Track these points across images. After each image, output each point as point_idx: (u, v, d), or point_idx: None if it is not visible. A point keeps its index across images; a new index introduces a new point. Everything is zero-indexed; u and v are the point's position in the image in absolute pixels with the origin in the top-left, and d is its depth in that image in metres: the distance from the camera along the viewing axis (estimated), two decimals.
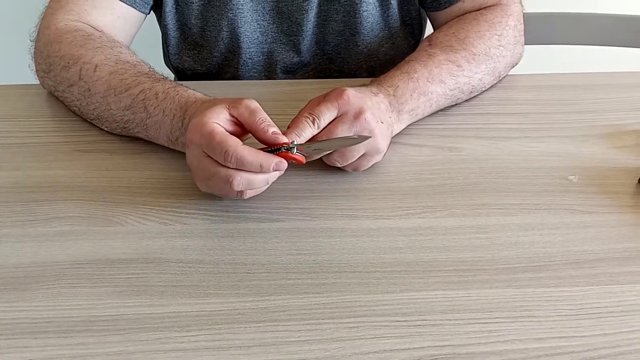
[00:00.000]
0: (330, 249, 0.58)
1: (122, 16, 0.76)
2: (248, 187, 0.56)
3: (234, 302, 0.53)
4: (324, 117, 0.59)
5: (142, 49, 0.83)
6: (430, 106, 0.70)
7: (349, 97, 0.60)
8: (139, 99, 0.64)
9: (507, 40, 0.76)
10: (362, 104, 0.60)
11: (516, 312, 0.52)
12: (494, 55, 0.74)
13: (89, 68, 0.67)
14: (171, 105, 0.62)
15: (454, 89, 0.71)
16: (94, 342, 0.50)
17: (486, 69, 0.74)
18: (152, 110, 0.63)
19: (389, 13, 0.83)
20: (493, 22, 0.76)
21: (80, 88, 0.68)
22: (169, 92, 0.64)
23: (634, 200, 0.63)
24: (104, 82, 0.66)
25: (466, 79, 0.72)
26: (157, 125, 0.64)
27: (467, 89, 0.73)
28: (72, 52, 0.69)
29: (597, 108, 0.75)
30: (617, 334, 0.51)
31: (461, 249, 0.58)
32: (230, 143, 0.54)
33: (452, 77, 0.71)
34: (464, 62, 0.72)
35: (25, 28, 0.77)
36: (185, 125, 0.60)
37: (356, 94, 0.61)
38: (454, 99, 0.72)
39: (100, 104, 0.67)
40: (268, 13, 0.82)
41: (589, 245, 0.58)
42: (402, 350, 0.49)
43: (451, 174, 0.66)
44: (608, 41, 1.00)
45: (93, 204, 0.62)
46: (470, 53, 0.73)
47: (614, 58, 1.13)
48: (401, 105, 0.67)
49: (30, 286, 0.54)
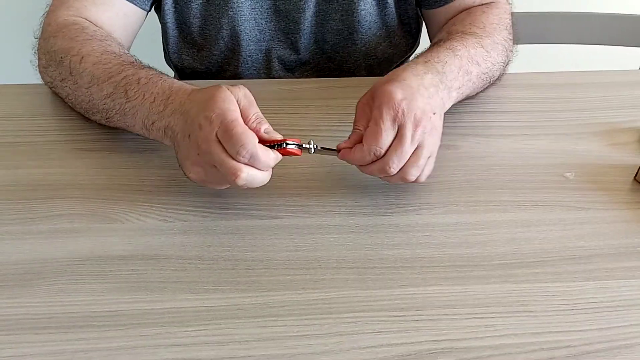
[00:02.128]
0: (329, 245, 0.58)
1: (122, 13, 0.77)
2: (250, 183, 0.55)
3: (233, 297, 0.53)
4: (387, 144, 0.57)
5: (142, 46, 0.84)
6: (471, 87, 0.68)
7: (404, 110, 0.56)
8: (121, 85, 0.63)
9: (511, 36, 0.77)
10: (416, 110, 0.57)
11: (513, 307, 0.53)
12: (507, 48, 0.75)
13: (76, 60, 0.67)
14: (153, 89, 0.61)
15: (486, 72, 0.70)
16: (94, 338, 0.50)
17: (502, 60, 0.73)
18: (132, 94, 0.62)
19: (386, 12, 0.84)
20: (501, 17, 0.77)
21: (69, 82, 0.68)
22: (152, 77, 0.62)
23: (629, 197, 0.64)
24: (88, 72, 0.66)
25: (491, 65, 0.71)
26: (134, 109, 0.62)
27: (490, 75, 0.72)
28: (64, 45, 0.70)
29: (593, 106, 0.76)
30: (613, 328, 0.51)
31: (458, 245, 0.58)
32: (249, 139, 0.53)
33: (484, 60, 0.70)
34: (490, 49, 0.71)
35: (25, 28, 0.78)
36: (168, 111, 0.59)
37: (407, 99, 0.57)
38: (482, 83, 0.71)
39: (85, 96, 0.67)
40: (266, 11, 0.83)
41: (585, 241, 0.59)
42: (399, 345, 0.50)
43: (449, 171, 0.66)
44: (603, 40, 1.01)
45: (93, 201, 0.62)
46: (493, 41, 0.72)
47: (609, 57, 1.14)
48: (451, 82, 0.64)
49: (32, 283, 0.54)
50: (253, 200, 0.62)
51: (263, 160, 0.54)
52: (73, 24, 0.72)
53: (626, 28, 0.99)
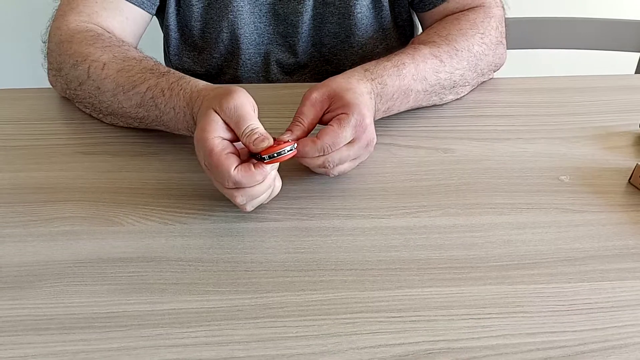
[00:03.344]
0: (327, 247, 0.59)
1: (130, 17, 0.78)
2: (253, 203, 0.59)
3: (233, 299, 0.54)
4: (340, 148, 0.61)
5: (143, 48, 0.84)
6: (407, 104, 0.71)
7: (368, 130, 0.62)
8: (147, 97, 0.65)
9: (489, 39, 0.77)
10: (374, 134, 0.63)
11: (509, 308, 0.54)
12: (476, 52, 0.75)
13: (97, 66, 0.69)
14: (178, 103, 0.63)
15: (435, 84, 0.72)
16: (95, 339, 0.51)
17: (468, 65, 0.75)
18: (164, 107, 0.64)
19: (381, 15, 0.85)
20: (475, 22, 0.77)
21: (89, 86, 0.70)
22: (173, 88, 0.64)
23: (623, 200, 0.65)
24: (112, 79, 0.67)
25: (447, 75, 0.73)
26: (173, 121, 0.65)
27: (448, 84, 0.74)
28: (82, 50, 0.71)
29: (587, 110, 0.77)
30: (607, 328, 0.52)
31: (455, 247, 0.59)
32: (225, 168, 0.55)
33: (434, 73, 0.72)
34: (446, 57, 0.73)
35: (28, 33, 0.79)
36: (196, 118, 0.61)
37: (372, 121, 0.62)
38: (434, 94, 0.73)
39: (112, 102, 0.68)
40: (265, 15, 0.83)
41: (580, 243, 0.60)
42: (397, 345, 0.50)
43: (445, 174, 0.67)
44: (597, 45, 1.02)
45: (94, 204, 0.63)
46: (452, 48, 0.74)
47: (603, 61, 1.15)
48: (381, 104, 0.68)
49: (33, 284, 0.55)
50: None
51: (245, 181, 0.56)
52: (87, 30, 0.73)
53: (620, 33, 1.00)
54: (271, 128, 0.60)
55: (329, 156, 0.61)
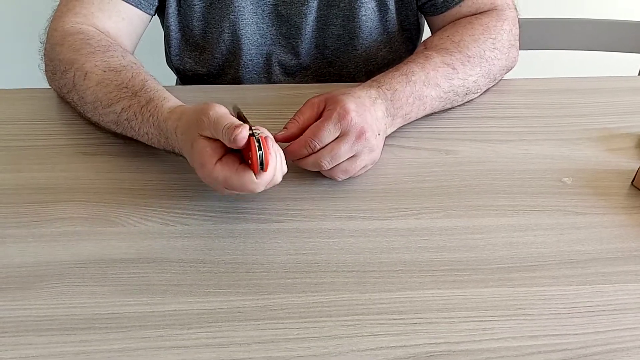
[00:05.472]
0: (328, 249, 0.59)
1: (127, 18, 0.77)
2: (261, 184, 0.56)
3: (234, 300, 0.54)
4: (326, 141, 0.61)
5: (143, 49, 0.85)
6: (424, 110, 0.71)
7: (352, 119, 0.61)
8: (122, 118, 0.65)
9: (501, 44, 0.77)
10: (363, 124, 0.62)
11: (510, 311, 0.53)
12: (488, 57, 0.76)
13: (80, 75, 0.69)
14: (150, 130, 0.63)
15: (449, 91, 0.72)
16: (96, 340, 0.51)
17: (481, 72, 0.75)
18: (138, 130, 0.65)
19: (387, 18, 0.85)
20: (488, 26, 0.77)
21: (74, 95, 0.70)
22: (143, 113, 0.63)
23: (626, 202, 0.65)
24: (92, 92, 0.68)
25: (460, 82, 0.73)
26: (150, 142, 0.65)
27: (461, 91, 0.74)
28: (69, 56, 0.71)
29: (591, 112, 0.77)
30: (609, 331, 0.52)
31: (457, 249, 0.59)
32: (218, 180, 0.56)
33: (447, 80, 0.72)
34: (458, 65, 0.73)
35: (27, 33, 0.79)
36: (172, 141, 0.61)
37: (357, 111, 0.62)
38: (448, 101, 0.73)
39: (93, 114, 0.69)
40: (267, 16, 0.83)
41: (582, 245, 0.60)
42: (398, 348, 0.50)
43: (447, 176, 0.67)
44: (601, 46, 1.02)
45: (96, 205, 0.63)
46: (465, 55, 0.74)
47: (607, 63, 1.14)
48: (397, 110, 0.68)
49: (34, 285, 0.55)
50: (253, 204, 0.63)
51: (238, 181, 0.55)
52: (78, 33, 0.73)
53: (624, 34, 1.00)
54: (272, 129, 0.60)
55: (319, 153, 0.61)
